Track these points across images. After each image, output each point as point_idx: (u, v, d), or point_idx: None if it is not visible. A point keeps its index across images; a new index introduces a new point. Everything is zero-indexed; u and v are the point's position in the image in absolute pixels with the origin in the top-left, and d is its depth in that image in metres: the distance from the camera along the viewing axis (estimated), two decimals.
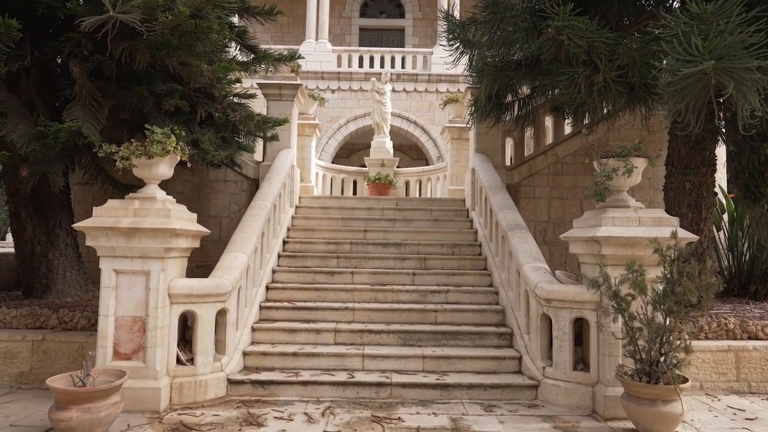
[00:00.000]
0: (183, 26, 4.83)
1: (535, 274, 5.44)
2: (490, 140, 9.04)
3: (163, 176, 5.07)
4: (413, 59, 17.12)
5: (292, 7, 20.17)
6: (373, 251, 7.80)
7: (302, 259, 7.53)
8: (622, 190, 5.08)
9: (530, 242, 6.14)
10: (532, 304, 5.43)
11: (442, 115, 15.80)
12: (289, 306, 6.43)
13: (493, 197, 7.44)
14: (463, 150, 11.65)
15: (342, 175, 13.34)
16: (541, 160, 9.19)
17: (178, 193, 9.09)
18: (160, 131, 4.82)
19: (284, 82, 8.88)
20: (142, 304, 4.72)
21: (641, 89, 5.33)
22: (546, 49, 5.38)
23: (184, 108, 6.01)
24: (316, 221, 8.67)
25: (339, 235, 8.22)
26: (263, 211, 6.80)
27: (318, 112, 16.13)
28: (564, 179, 9.24)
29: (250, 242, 6.07)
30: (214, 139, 6.67)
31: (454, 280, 7.15)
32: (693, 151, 6.63)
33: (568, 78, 5.28)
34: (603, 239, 4.67)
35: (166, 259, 4.81)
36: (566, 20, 5.06)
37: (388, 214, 8.97)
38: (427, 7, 20.46)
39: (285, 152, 8.78)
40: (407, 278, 7.14)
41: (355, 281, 7.08)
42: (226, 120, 6.93)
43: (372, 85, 13.10)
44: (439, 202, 9.63)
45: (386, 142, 12.90)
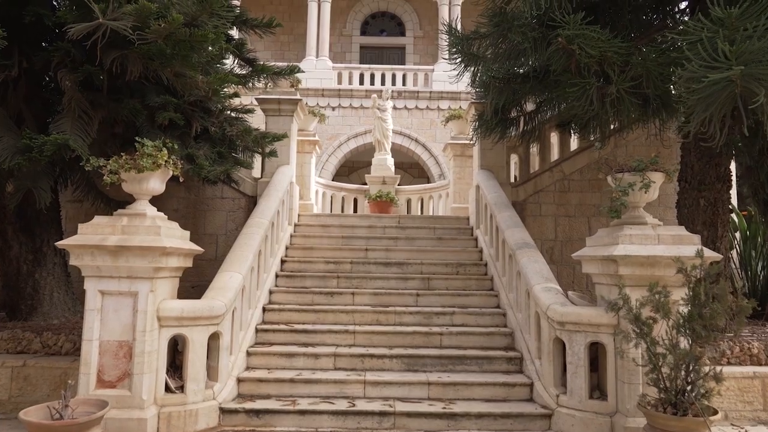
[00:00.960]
0: (177, 35, 4.62)
1: (546, 296, 5.14)
2: (495, 156, 8.81)
3: (154, 191, 4.81)
4: (414, 76, 17.01)
5: (293, 25, 20.17)
6: (375, 271, 7.51)
7: (301, 279, 7.23)
8: (639, 206, 4.81)
9: (540, 261, 5.85)
10: (544, 327, 5.12)
11: (444, 133, 15.62)
12: (287, 329, 6.11)
13: (499, 215, 7.17)
14: (466, 167, 11.42)
15: (342, 192, 13.10)
16: (547, 177, 8.94)
17: (173, 210, 8.82)
18: (151, 144, 4.57)
19: (283, 97, 8.68)
20: (129, 328, 4.41)
21: (656, 101, 5.10)
22: (556, 59, 5.16)
23: (179, 121, 5.78)
24: (315, 240, 8.39)
25: (339, 254, 7.93)
26: (260, 229, 6.52)
27: (318, 130, 15.94)
28: (571, 196, 8.98)
29: (246, 261, 5.77)
30: (209, 154, 6.42)
31: (460, 301, 6.84)
32: (707, 166, 6.38)
33: (579, 89, 5.05)
34: (620, 258, 4.38)
35: (156, 280, 4.51)
36: (577, 29, 4.85)
37: (389, 232, 8.69)
38: (428, 26, 20.46)
39: (284, 168, 8.53)
40: (410, 299, 6.83)
41: (355, 302, 6.77)
42: (222, 134, 6.69)
43: (373, 101, 12.94)
44: (442, 220, 9.36)
45: (387, 160, 12.68)
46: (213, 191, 8.90)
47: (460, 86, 16.52)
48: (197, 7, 4.65)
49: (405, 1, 20.79)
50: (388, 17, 21.10)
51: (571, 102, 5.29)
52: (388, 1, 20.89)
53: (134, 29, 4.50)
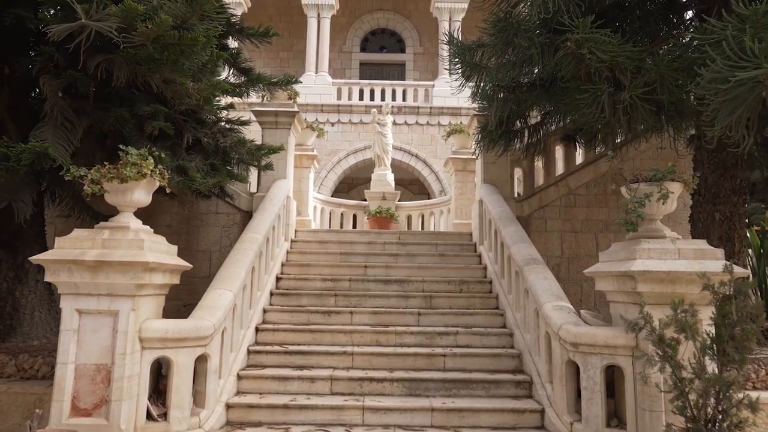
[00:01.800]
0: (165, 38, 4.37)
1: (557, 315, 4.80)
2: (499, 170, 8.54)
3: (139, 203, 4.51)
4: (414, 92, 16.85)
5: (293, 42, 20.11)
6: (374, 288, 7.17)
7: (297, 298, 6.89)
8: (656, 219, 4.51)
9: (549, 278, 5.53)
10: (556, 348, 4.77)
11: (445, 148, 15.40)
12: (281, 350, 5.75)
13: (504, 230, 6.87)
14: (468, 182, 11.15)
15: (341, 208, 12.82)
16: (552, 192, 8.66)
17: (165, 226, 8.52)
18: (136, 152, 4.29)
19: (280, 109, 8.44)
20: (108, 350, 4.08)
21: (670, 107, 4.83)
22: (564, 65, 4.91)
23: (169, 131, 5.51)
24: (313, 256, 8.07)
25: (337, 271, 7.60)
26: (254, 245, 6.21)
27: (317, 146, 15.72)
28: (577, 211, 8.69)
29: (238, 278, 5.45)
30: (202, 166, 6.15)
31: (464, 320, 6.49)
32: (722, 178, 6.10)
33: (590, 95, 4.79)
34: (638, 274, 4.06)
35: (138, 298, 4.19)
36: (587, 33, 4.61)
37: (390, 248, 8.37)
38: (428, 42, 20.40)
39: (280, 182, 8.25)
40: (412, 318, 6.48)
41: (354, 322, 6.43)
42: (215, 146, 6.43)
43: (373, 116, 12.73)
44: (444, 236, 9.05)
45: (387, 175, 12.43)
46: (207, 206, 8.61)
47: (460, 102, 16.34)
48: (187, 9, 4.41)
49: (405, 18, 20.77)
50: (388, 34, 21.06)
51: (581, 110, 5.02)
52: (387, 18, 20.88)
53: (120, 31, 4.26)
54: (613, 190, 8.78)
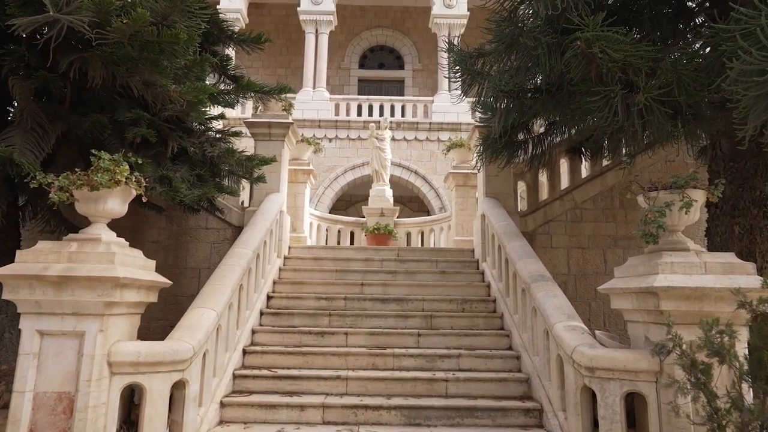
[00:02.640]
0: (143, 35, 4.04)
1: (570, 336, 4.38)
2: (501, 183, 8.18)
3: (113, 214, 4.13)
4: (413, 108, 16.60)
5: (291, 58, 19.97)
6: (371, 308, 6.75)
7: (288, 317, 6.46)
8: (678, 230, 4.13)
9: (559, 296, 5.12)
10: (569, 373, 4.34)
11: (445, 164, 15.09)
12: (270, 374, 5.31)
13: (509, 245, 6.47)
14: (468, 198, 10.80)
15: (338, 225, 12.44)
16: (557, 206, 8.29)
17: (152, 242, 8.13)
18: (109, 157, 3.92)
19: (274, 120, 8.11)
20: (72, 376, 3.65)
21: (688, 111, 4.48)
22: (574, 66, 4.58)
23: (151, 138, 5.15)
24: (306, 274, 7.65)
25: (332, 289, 7.18)
26: (242, 260, 5.80)
27: (314, 162, 15.40)
28: (583, 227, 8.31)
29: (223, 296, 5.04)
30: (188, 176, 5.78)
31: (467, 341, 6.06)
32: (740, 189, 5.73)
33: (602, 98, 4.44)
34: (662, 291, 3.67)
35: (108, 317, 3.78)
36: (597, 31, 4.29)
37: (388, 265, 7.96)
38: (427, 59, 20.25)
39: (273, 196, 7.88)
40: (411, 340, 6.05)
41: (349, 343, 6.00)
42: (203, 156, 6.07)
43: (371, 131, 12.43)
44: (444, 253, 8.65)
45: (386, 191, 12.08)
46: (196, 221, 8.23)
47: (460, 117, 16.13)
48: (167, 4, 4.09)
49: (404, 34, 20.66)
50: (386, 51, 20.94)
51: (592, 114, 4.68)
52: (386, 35, 20.77)
53: (94, 27, 3.92)
54: (621, 205, 8.42)
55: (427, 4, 18.99)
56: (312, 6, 16.94)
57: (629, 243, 8.32)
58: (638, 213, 8.77)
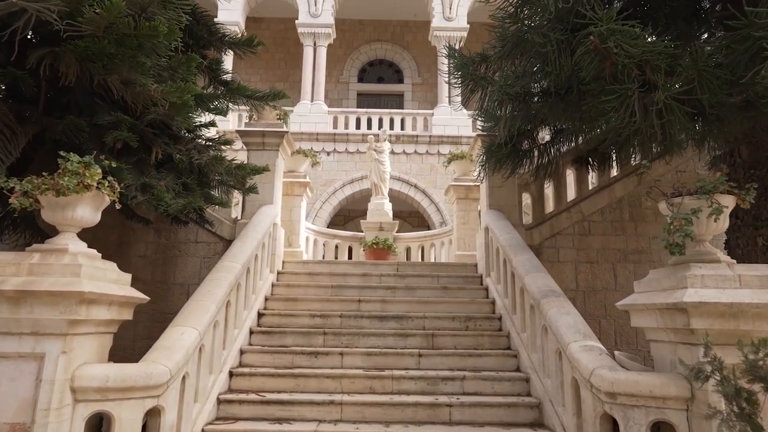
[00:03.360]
0: (119, 27, 3.71)
1: (587, 357, 3.97)
2: (506, 195, 7.81)
3: (83, 222, 3.75)
4: (413, 121, 16.33)
5: (289, 72, 19.78)
6: (369, 326, 6.33)
7: (280, 336, 6.04)
8: (705, 240, 3.75)
9: (572, 313, 4.72)
10: (586, 398, 3.92)
11: (445, 178, 14.76)
12: (258, 399, 4.88)
13: (515, 258, 6.08)
14: (470, 211, 10.43)
15: (336, 240, 12.05)
16: (564, 218, 7.92)
17: (139, 256, 7.75)
18: (78, 159, 3.56)
19: (268, 129, 7.78)
20: (29, 404, 3.23)
21: (713, 110, 4.13)
22: (586, 63, 4.24)
23: (132, 143, 4.80)
24: (300, 290, 7.24)
25: (327, 306, 6.76)
26: (230, 275, 5.41)
27: (312, 176, 15.08)
28: (592, 240, 7.92)
29: (206, 314, 4.63)
30: (173, 185, 5.42)
31: (471, 362, 5.63)
32: (763, 198, 5.35)
33: (618, 97, 4.09)
34: (693, 307, 3.27)
35: (72, 337, 3.38)
36: (612, 25, 3.97)
37: (386, 281, 7.56)
38: (427, 73, 20.06)
39: (266, 208, 7.51)
40: (411, 360, 5.63)
41: (345, 364, 5.57)
42: (189, 163, 5.71)
43: (369, 143, 12.11)
44: (446, 268, 8.24)
45: (385, 204, 11.71)
46: (186, 234, 7.85)
47: (461, 131, 15.86)
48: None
49: (403, 48, 20.50)
50: (386, 65, 20.76)
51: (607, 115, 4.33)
52: (386, 49, 20.61)
53: (65, 17, 3.59)
54: (631, 217, 8.06)
55: (426, 19, 18.87)
56: (310, 19, 16.77)
57: (640, 257, 7.93)
58: (649, 226, 8.44)
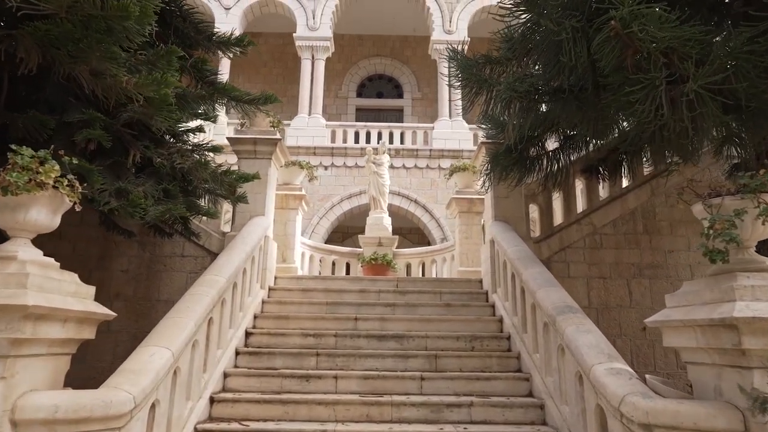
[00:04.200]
0: (83, 5, 3.29)
1: (616, 382, 3.46)
2: (512, 205, 7.36)
3: (38, 226, 3.27)
4: (413, 134, 15.96)
5: (287, 87, 19.47)
6: (366, 346, 5.81)
7: (269, 358, 5.52)
8: (750, 246, 3.28)
9: (593, 331, 4.21)
10: (615, 429, 3.41)
11: (446, 193, 14.34)
12: (240, 429, 4.35)
13: (525, 272, 5.60)
14: (473, 225, 9.97)
15: (333, 256, 11.55)
16: (574, 231, 7.44)
17: (121, 271, 7.26)
18: (31, 153, 3.11)
19: (260, 137, 7.36)
20: None
21: (749, 104, 3.70)
22: (606, 52, 3.82)
23: (105, 143, 4.36)
24: (293, 307, 6.73)
25: (321, 324, 6.25)
26: (212, 289, 4.91)
27: (309, 191, 14.64)
28: (604, 254, 7.44)
29: (182, 332, 4.13)
30: (152, 191, 4.96)
31: (479, 387, 5.11)
32: None
33: (643, 88, 3.66)
34: (745, 323, 2.79)
35: (15, 359, 2.88)
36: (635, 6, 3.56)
37: (386, 297, 7.05)
38: (426, 88, 19.79)
39: (258, 220, 7.05)
40: (413, 385, 5.10)
41: (339, 389, 5.05)
42: (171, 168, 5.25)
43: (368, 155, 11.70)
44: (449, 283, 7.75)
45: (384, 219, 11.25)
46: (172, 248, 7.37)
47: (462, 144, 15.50)
48: None
49: (402, 63, 20.27)
50: (385, 79, 20.50)
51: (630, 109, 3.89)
52: (385, 64, 20.37)
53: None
54: (645, 229, 7.59)
55: (426, 34, 18.65)
56: (308, 32, 16.53)
57: (656, 272, 7.44)
58: (664, 239, 7.96)
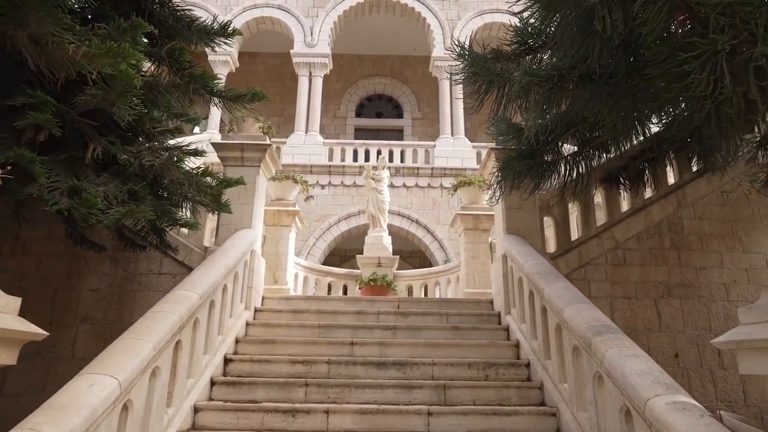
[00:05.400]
0: None
1: (685, 420, 2.69)
2: (525, 217, 6.66)
3: None
4: (414, 153, 15.35)
5: (284, 107, 18.99)
6: (363, 375, 5.02)
7: (249, 389, 4.72)
8: None
9: (641, 355, 3.45)
10: None
11: (449, 213, 13.65)
12: None
13: (548, 288, 4.85)
14: (480, 243, 9.24)
15: (329, 278, 10.78)
16: (594, 246, 6.72)
17: (90, 290, 6.50)
18: None
19: (247, 142, 6.71)
20: None
21: None
22: (651, 16, 3.18)
23: (53, 129, 3.68)
24: (281, 330, 5.96)
25: (313, 350, 5.47)
26: (181, 306, 4.15)
27: (305, 210, 13.95)
28: (628, 271, 6.69)
29: (136, 357, 3.36)
30: (116, 192, 4.25)
31: (497, 423, 4.31)
32: None
33: (701, 55, 3.00)
34: None
35: None
36: None
37: (386, 319, 6.28)
38: (427, 107, 19.31)
39: (244, 233, 6.33)
40: (419, 421, 4.30)
41: (331, 426, 4.24)
42: (141, 168, 4.56)
43: (366, 170, 11.04)
44: (456, 304, 6.97)
45: (383, 238, 10.51)
46: (148, 265, 6.63)
47: (465, 162, 14.91)
48: None
49: (402, 83, 19.84)
50: (384, 99, 20.04)
51: (683, 82, 3.22)
52: (384, 84, 19.95)
53: None
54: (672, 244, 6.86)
55: (426, 53, 18.27)
56: (306, 48, 16.10)
57: (687, 291, 6.67)
58: (694, 255, 7.18)
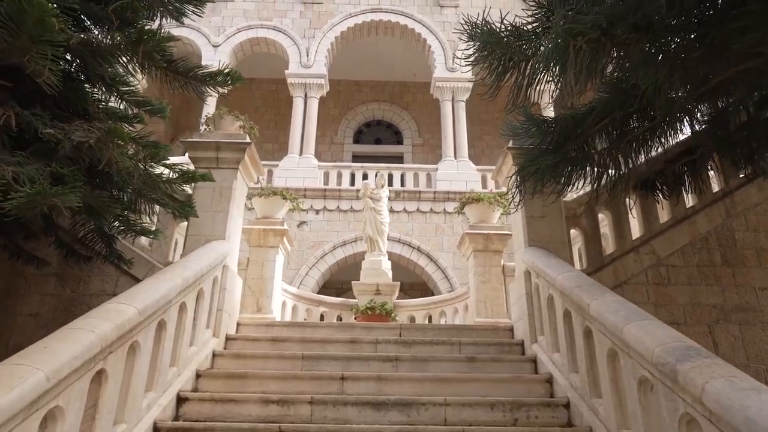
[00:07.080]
0: None
1: None
2: (550, 227, 5.63)
3: None
4: (414, 176, 14.43)
5: (279, 134, 18.21)
6: (356, 419, 3.88)
7: None
8: None
9: (762, 387, 2.36)
10: None
11: (453, 240, 12.62)
12: None
13: (593, 302, 3.76)
14: (492, 266, 8.19)
15: (321, 308, 9.64)
16: (631, 262, 5.68)
17: (28, 315, 5.43)
18: None
19: (223, 140, 5.74)
20: None
21: None
22: None
23: None
24: (256, 362, 4.82)
25: (292, 386, 4.33)
26: (106, 324, 3.05)
27: (298, 237, 12.94)
28: (674, 292, 5.61)
29: (10, 391, 2.26)
30: (35, 173, 3.25)
31: None
32: None
33: None
34: None
35: None
36: None
37: (385, 349, 5.15)
38: (427, 134, 18.54)
39: (215, 244, 5.28)
40: None
41: None
42: (74, 149, 3.56)
43: (364, 189, 10.05)
44: (469, 331, 5.84)
45: (382, 262, 9.42)
46: (101, 284, 5.57)
47: (470, 186, 13.95)
48: None
49: (402, 108, 19.15)
50: (384, 126, 19.30)
51: None
52: (383, 110, 19.25)
53: None
54: (724, 260, 5.80)
55: (427, 79, 17.61)
56: (301, 69, 15.41)
57: (747, 316, 5.57)
58: (752, 272, 6.03)
